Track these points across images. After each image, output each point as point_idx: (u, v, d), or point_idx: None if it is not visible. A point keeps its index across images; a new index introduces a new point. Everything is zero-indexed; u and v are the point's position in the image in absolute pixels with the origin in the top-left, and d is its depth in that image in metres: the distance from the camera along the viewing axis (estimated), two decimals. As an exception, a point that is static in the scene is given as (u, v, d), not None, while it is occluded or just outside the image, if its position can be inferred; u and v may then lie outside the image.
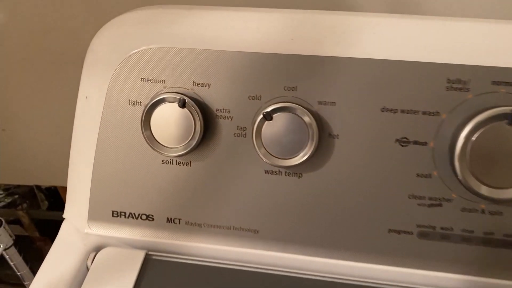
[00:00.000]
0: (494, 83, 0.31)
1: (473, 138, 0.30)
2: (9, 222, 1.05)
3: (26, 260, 0.58)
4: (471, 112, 0.31)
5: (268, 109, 0.32)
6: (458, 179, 0.31)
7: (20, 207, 1.06)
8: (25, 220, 1.06)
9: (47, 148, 0.83)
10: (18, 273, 0.58)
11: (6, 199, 1.06)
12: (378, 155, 0.33)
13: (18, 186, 1.05)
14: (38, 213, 1.07)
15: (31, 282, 0.56)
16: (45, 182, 0.97)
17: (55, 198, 1.05)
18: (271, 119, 0.32)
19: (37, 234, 1.08)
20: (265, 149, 0.32)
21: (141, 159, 0.35)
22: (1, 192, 1.05)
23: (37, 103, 0.77)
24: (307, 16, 0.33)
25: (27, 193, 1.07)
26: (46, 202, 1.08)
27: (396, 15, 0.33)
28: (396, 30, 0.32)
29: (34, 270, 0.62)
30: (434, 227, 0.33)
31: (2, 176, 0.92)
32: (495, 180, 0.30)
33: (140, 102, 0.34)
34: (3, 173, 0.91)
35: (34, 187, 1.05)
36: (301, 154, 0.32)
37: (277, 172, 0.34)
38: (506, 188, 0.30)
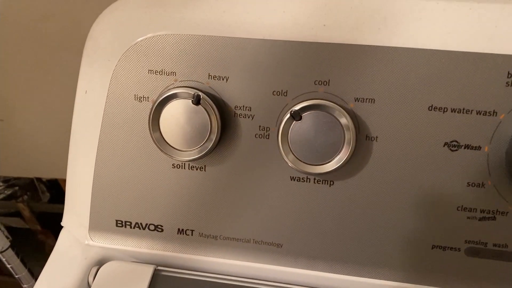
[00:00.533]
0: None
1: (540, 143, 0.25)
2: (9, 215, 1.02)
3: (25, 262, 0.55)
4: (536, 112, 0.26)
5: (297, 107, 0.27)
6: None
7: (20, 199, 1.03)
8: (26, 212, 1.03)
9: (48, 139, 0.79)
10: (16, 276, 0.55)
11: (6, 191, 1.03)
12: (423, 161, 0.28)
13: (18, 178, 1.02)
14: (39, 206, 1.04)
15: (29, 285, 0.52)
16: (46, 174, 0.93)
17: (57, 189, 1.02)
18: (300, 118, 0.27)
19: (38, 227, 1.05)
20: (293, 153, 0.28)
21: (148, 163, 0.31)
22: (1, 184, 1.02)
23: (36, 92, 0.73)
24: (343, -2, 0.28)
25: (28, 185, 1.03)
26: (48, 194, 1.05)
27: (447, -2, 0.28)
28: (447, 15, 0.27)
29: (33, 271, 0.59)
30: (485, 244, 0.29)
31: (1, 168, 0.88)
32: None
33: (148, 97, 0.30)
34: (2, 165, 0.88)
35: (34, 179, 1.02)
36: (335, 160, 0.28)
37: (305, 179, 0.30)
38: None
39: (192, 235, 0.32)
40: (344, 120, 0.27)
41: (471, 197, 0.28)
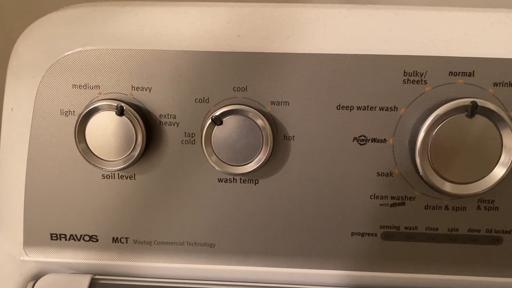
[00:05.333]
0: (451, 73, 0.29)
1: (433, 133, 0.29)
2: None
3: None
4: (429, 105, 0.29)
5: (217, 113, 0.29)
6: (420, 176, 0.29)
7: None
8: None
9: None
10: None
11: None
12: (336, 155, 0.31)
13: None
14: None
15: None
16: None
17: None
18: (221, 123, 0.29)
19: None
20: (217, 156, 0.30)
21: (79, 175, 0.32)
22: None
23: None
24: (254, 10, 0.31)
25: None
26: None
27: (347, 6, 0.31)
28: (348, 22, 0.30)
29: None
30: (398, 227, 0.32)
31: None
32: (457, 175, 0.29)
33: (73, 111, 0.31)
34: None
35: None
36: (256, 160, 0.30)
37: (232, 180, 0.32)
38: (469, 183, 0.29)
39: (126, 242, 0.33)
40: (262, 122, 0.29)
41: (382, 185, 0.31)
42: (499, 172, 0.29)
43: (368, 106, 0.30)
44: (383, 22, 0.30)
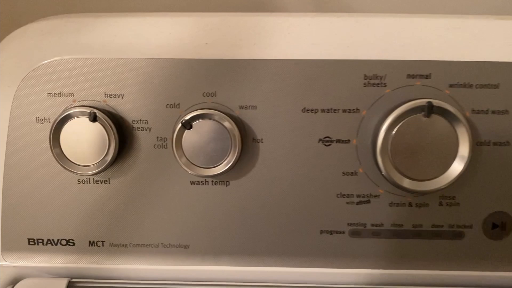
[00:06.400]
0: (409, 76, 0.31)
1: (393, 133, 0.30)
2: None
3: None
4: (389, 106, 0.31)
5: (187, 117, 0.30)
6: (382, 174, 0.31)
7: None
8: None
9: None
10: None
11: None
12: (303, 156, 0.32)
13: None
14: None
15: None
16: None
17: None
18: (190, 127, 0.31)
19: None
20: (187, 159, 0.31)
21: (55, 181, 0.33)
22: None
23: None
24: (221, 19, 0.32)
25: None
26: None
27: (311, 14, 0.33)
28: (311, 29, 0.32)
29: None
30: (364, 225, 0.33)
31: None
32: (417, 173, 0.31)
33: (49, 119, 0.32)
34: None
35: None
36: (225, 162, 0.31)
37: (204, 182, 0.33)
38: (428, 179, 0.31)
39: (103, 245, 0.34)
40: (230, 125, 0.31)
41: (347, 184, 0.32)
42: (456, 168, 0.30)
43: (331, 109, 0.32)
44: (344, 29, 0.32)
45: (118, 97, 0.32)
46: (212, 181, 0.33)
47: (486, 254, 0.33)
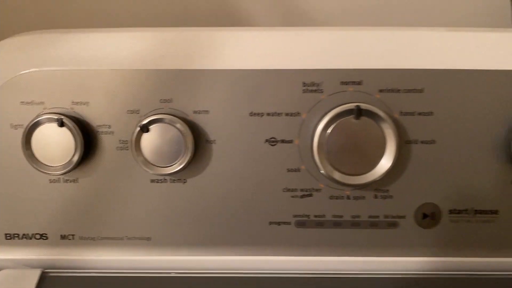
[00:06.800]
0: (343, 83, 0.35)
1: (327, 133, 0.34)
2: None
3: None
4: (325, 110, 0.35)
5: (144, 121, 0.34)
6: (319, 171, 0.34)
7: None
8: None
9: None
10: None
11: None
12: (252, 155, 0.36)
13: None
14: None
15: None
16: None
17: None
18: (147, 130, 0.34)
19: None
20: (145, 159, 0.35)
21: (29, 181, 0.36)
22: None
23: None
24: (177, 33, 0.36)
25: None
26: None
27: (258, 28, 0.36)
28: (257, 42, 0.35)
29: None
30: (308, 216, 0.37)
31: None
32: (350, 169, 0.34)
33: (22, 125, 0.35)
34: None
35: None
36: (179, 162, 0.35)
37: (163, 180, 0.36)
38: (360, 174, 0.34)
39: (73, 239, 0.37)
40: (183, 128, 0.34)
41: (292, 180, 0.36)
42: (384, 165, 0.34)
43: (276, 113, 0.35)
44: (285, 42, 0.35)
45: (84, 104, 0.35)
46: (170, 179, 0.36)
47: (419, 241, 0.37)
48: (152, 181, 0.36)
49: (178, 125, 0.34)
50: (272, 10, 0.63)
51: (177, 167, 0.35)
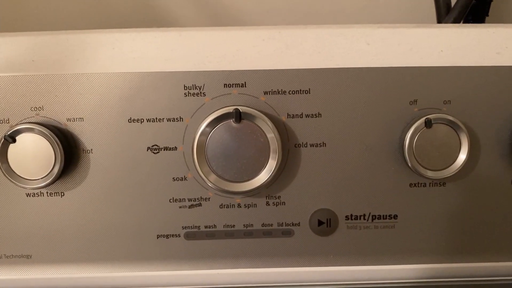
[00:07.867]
0: (226, 85, 0.33)
1: (207, 138, 0.32)
2: None
3: None
4: (208, 114, 0.33)
5: (9, 132, 0.32)
6: (201, 178, 0.32)
7: None
8: None
9: None
10: None
11: None
12: (134, 165, 0.34)
13: None
14: None
15: None
16: None
17: None
18: (14, 141, 0.32)
19: None
20: (14, 172, 0.32)
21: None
22: None
23: None
24: (50, 37, 0.33)
25: None
26: None
27: (138, 29, 0.34)
28: (135, 43, 0.33)
29: None
30: (198, 227, 0.35)
31: None
32: (234, 175, 0.32)
33: None
34: None
35: None
36: (51, 173, 0.32)
37: (39, 194, 0.34)
38: (245, 181, 0.32)
39: None
40: (55, 138, 0.32)
41: (178, 189, 0.34)
42: (270, 170, 0.32)
43: (156, 118, 0.33)
44: (166, 43, 0.33)
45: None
46: (47, 192, 0.34)
47: (316, 250, 0.35)
48: (28, 195, 0.34)
49: (48, 135, 0.32)
50: (199, 11, 0.61)
51: (47, 179, 0.32)
